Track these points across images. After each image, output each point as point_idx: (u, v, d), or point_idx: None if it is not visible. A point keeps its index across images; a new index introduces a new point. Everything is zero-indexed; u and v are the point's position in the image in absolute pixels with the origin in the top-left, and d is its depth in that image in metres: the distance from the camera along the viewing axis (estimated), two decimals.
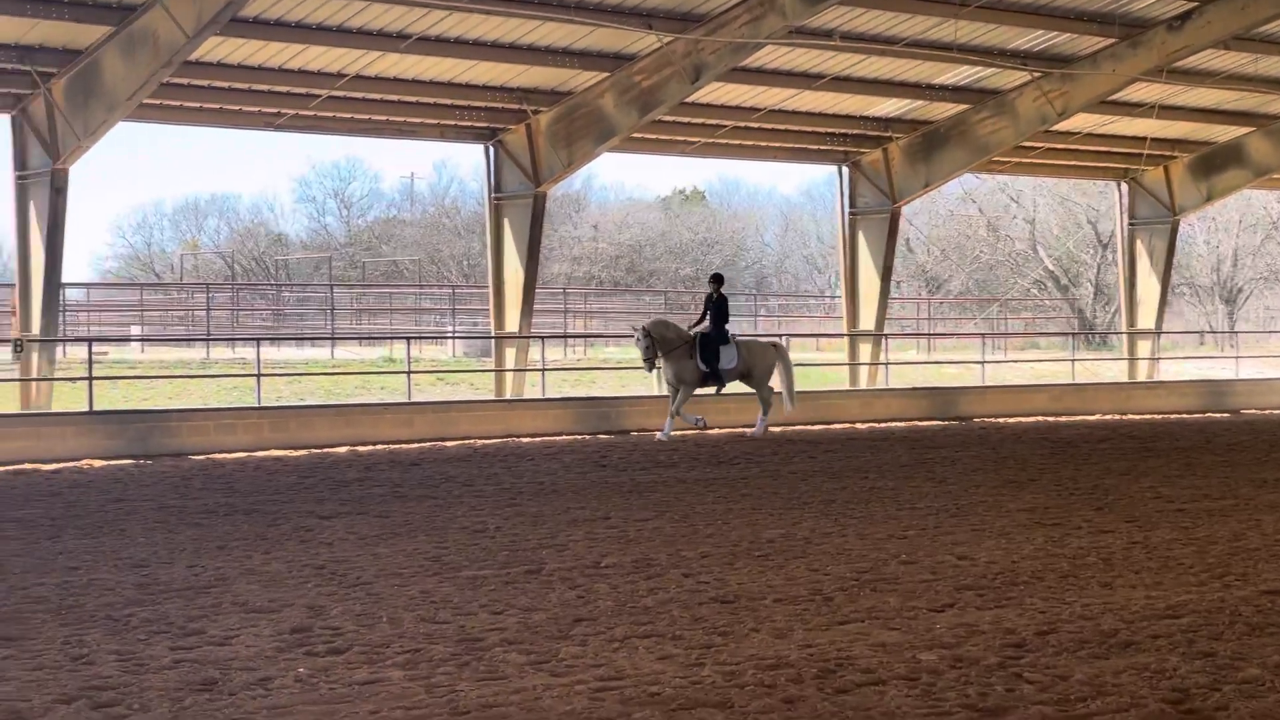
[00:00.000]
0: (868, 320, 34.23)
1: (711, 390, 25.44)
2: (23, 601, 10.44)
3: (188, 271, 67.72)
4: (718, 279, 25.60)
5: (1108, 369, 43.37)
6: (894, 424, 28.89)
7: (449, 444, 23.87)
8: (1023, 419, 30.61)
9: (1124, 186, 39.01)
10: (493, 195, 29.64)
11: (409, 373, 27.70)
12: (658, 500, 16.45)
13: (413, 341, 31.91)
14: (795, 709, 7.56)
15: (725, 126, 31.52)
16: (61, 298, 28.14)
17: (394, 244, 73.21)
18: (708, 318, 25.15)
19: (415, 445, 23.61)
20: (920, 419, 29.89)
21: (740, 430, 26.02)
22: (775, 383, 25.90)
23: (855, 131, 33.27)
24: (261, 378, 26.16)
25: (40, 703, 7.70)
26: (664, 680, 8.14)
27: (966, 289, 70.07)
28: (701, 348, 24.76)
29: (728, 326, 25.38)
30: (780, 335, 34.89)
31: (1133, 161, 37.82)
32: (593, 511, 15.46)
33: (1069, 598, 10.54)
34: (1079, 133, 35.31)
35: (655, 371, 25.24)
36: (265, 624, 9.64)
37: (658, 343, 24.58)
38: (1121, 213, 39.52)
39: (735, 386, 25.84)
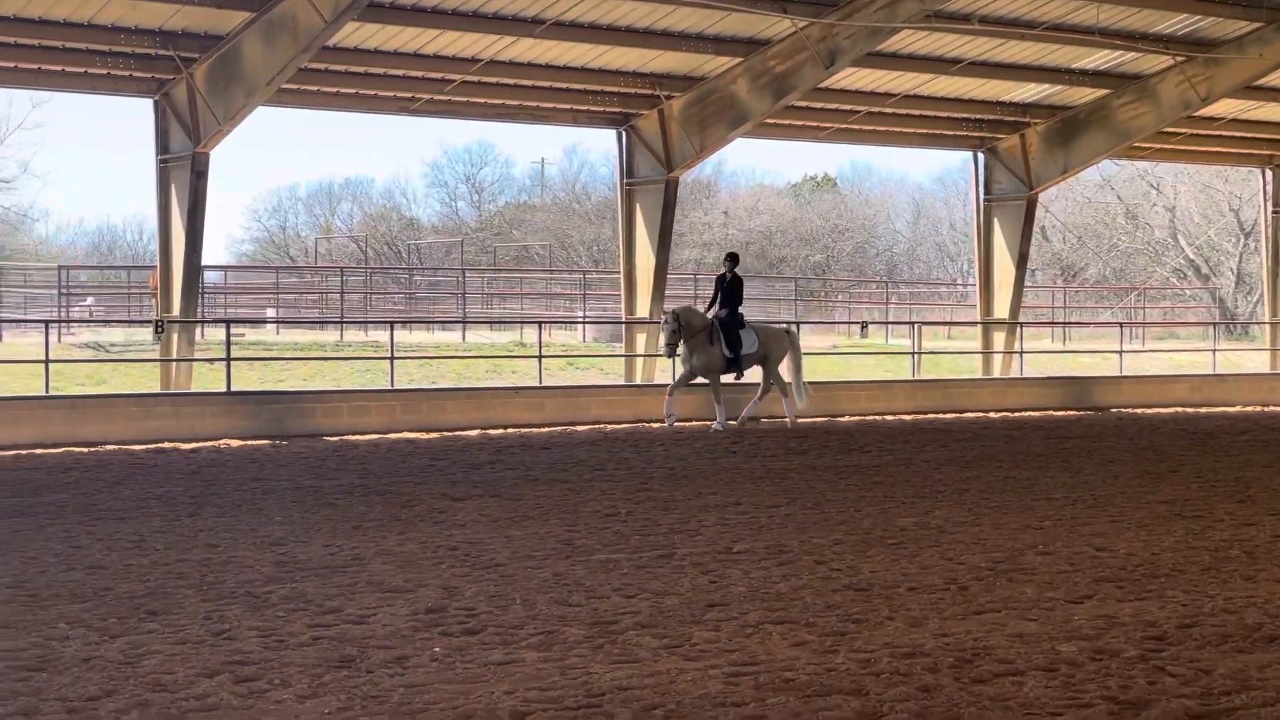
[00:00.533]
0: (1002, 308, 33.83)
1: (731, 377, 24.59)
2: (166, 577, 10.63)
3: (322, 255, 68.61)
4: (733, 258, 24.48)
5: (1249, 359, 42.52)
6: (1028, 413, 28.56)
7: (579, 428, 23.97)
8: (1161, 409, 30.12)
9: (1268, 173, 38.20)
10: (624, 181, 29.67)
11: (540, 357, 27.84)
12: (789, 487, 16.39)
13: (543, 326, 32.04)
14: (932, 698, 7.48)
15: (859, 112, 31.29)
16: (201, 280, 28.62)
17: (524, 229, 73.61)
18: (718, 301, 24.19)
19: (546, 429, 23.73)
20: (1055, 409, 29.52)
21: (774, 420, 25.78)
22: (784, 372, 25.06)
23: (992, 117, 32.87)
24: (394, 360, 26.43)
25: (184, 675, 7.83)
26: (798, 667, 8.10)
27: (1103, 277, 69.04)
28: (724, 332, 23.85)
29: (741, 310, 24.41)
30: (913, 323, 34.63)
31: (1278, 148, 36.99)
32: (724, 497, 15.44)
33: (1211, 590, 10.34)
34: (1223, 118, 34.61)
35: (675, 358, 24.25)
36: (401, 603, 9.73)
37: (684, 328, 23.66)
38: (1265, 199, 38.71)
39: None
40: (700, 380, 24.36)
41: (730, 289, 23.96)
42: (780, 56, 27.01)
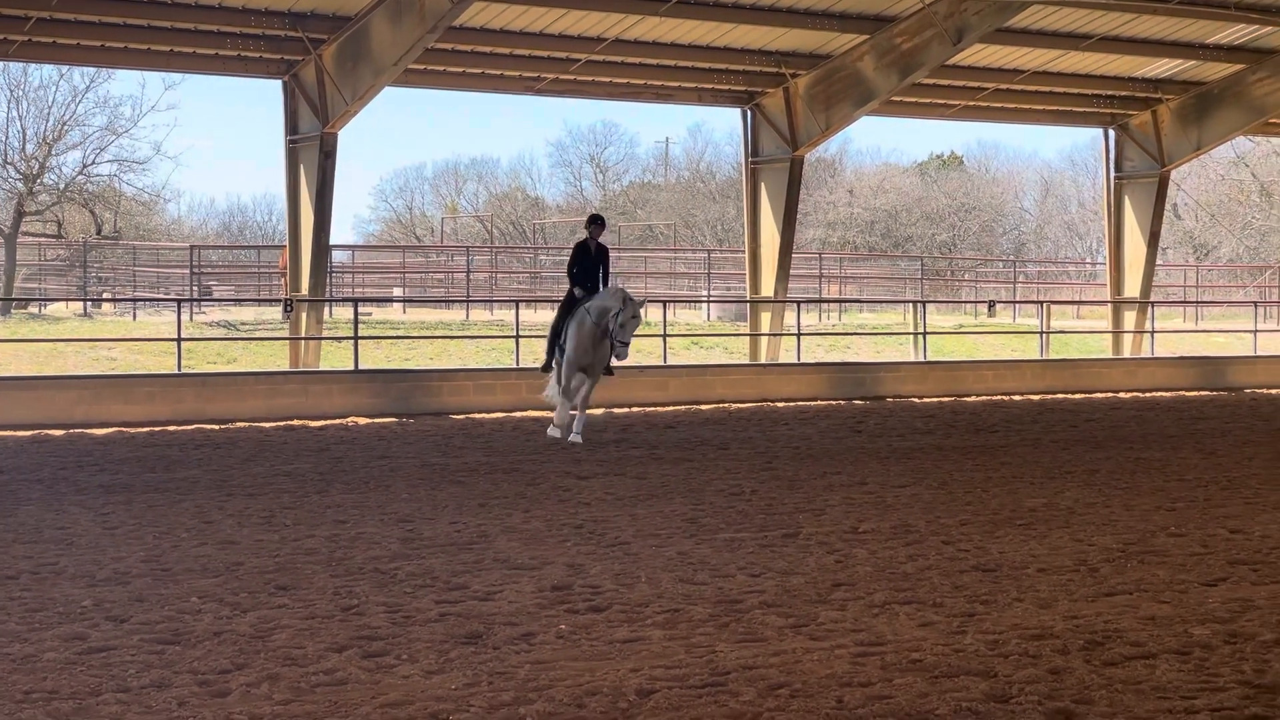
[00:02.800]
0: (1132, 287, 33.29)
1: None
2: (295, 553, 10.77)
3: (447, 235, 69.14)
4: (597, 221, 19.39)
5: None
6: (1159, 394, 28.10)
7: (704, 407, 23.95)
8: None
9: None
10: (750, 159, 29.57)
11: (664, 336, 27.85)
12: (915, 467, 16.25)
13: (668, 305, 32.04)
14: (1061, 680, 7.38)
15: (987, 89, 30.92)
16: (329, 260, 28.95)
17: (649, 208, 73.66)
18: (577, 274, 19.10)
19: (670, 408, 23.73)
20: (1187, 389, 29.02)
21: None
22: None
23: (1123, 93, 32.32)
24: (519, 339, 26.56)
25: (313, 650, 7.92)
26: (925, 647, 8.03)
27: (1237, 255, 67.72)
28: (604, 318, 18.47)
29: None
30: (1041, 302, 34.20)
31: None
32: (849, 477, 15.34)
33: None
34: None
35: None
36: (527, 580, 9.77)
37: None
38: None
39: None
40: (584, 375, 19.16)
41: (599, 259, 19.19)
42: (907, 33, 26.75)
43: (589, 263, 19.11)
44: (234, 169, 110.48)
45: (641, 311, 18.33)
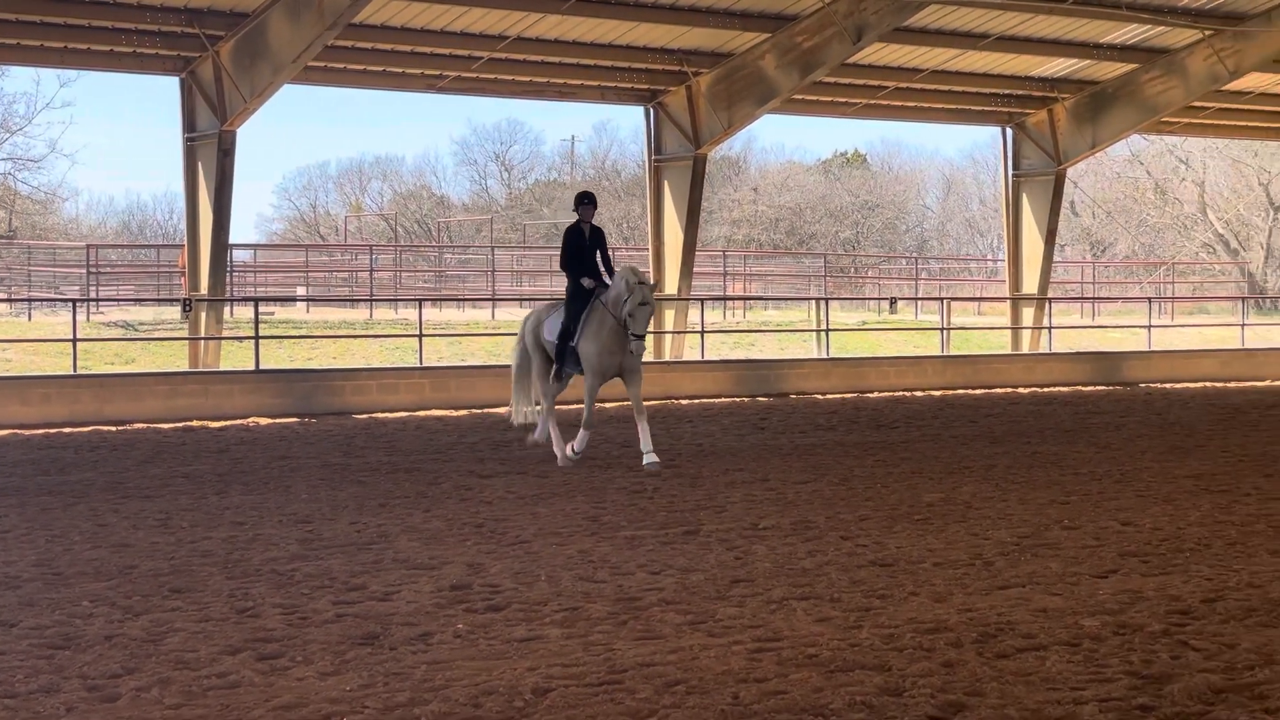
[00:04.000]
0: (1031, 284, 33.70)
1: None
2: (191, 555, 10.67)
3: (352, 233, 68.71)
4: (588, 200, 16.53)
5: (1278, 334, 42.26)
6: (1057, 389, 28.45)
7: (607, 405, 23.94)
8: (1190, 384, 29.97)
9: None
10: (653, 157, 29.63)
11: None
12: (816, 463, 16.35)
13: None
14: (954, 673, 7.47)
15: (887, 88, 31.17)
16: (229, 258, 28.69)
17: (554, 206, 73.60)
18: (575, 265, 16.40)
19: (574, 407, 23.70)
20: (1084, 384, 29.41)
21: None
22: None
23: (1020, 92, 32.70)
24: (423, 338, 26.45)
25: (207, 653, 7.85)
26: (821, 642, 8.09)
27: (1132, 252, 68.73)
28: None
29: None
30: (942, 299, 34.52)
31: None
32: (751, 473, 15.42)
33: (1236, 565, 10.29)
34: (1251, 92, 34.34)
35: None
36: (426, 580, 9.75)
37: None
38: None
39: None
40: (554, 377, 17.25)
41: (595, 244, 16.55)
42: (807, 32, 26.91)
43: (583, 249, 16.32)
44: (133, 167, 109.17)
45: (651, 293, 15.66)
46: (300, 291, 45.15)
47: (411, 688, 7.19)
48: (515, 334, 18.31)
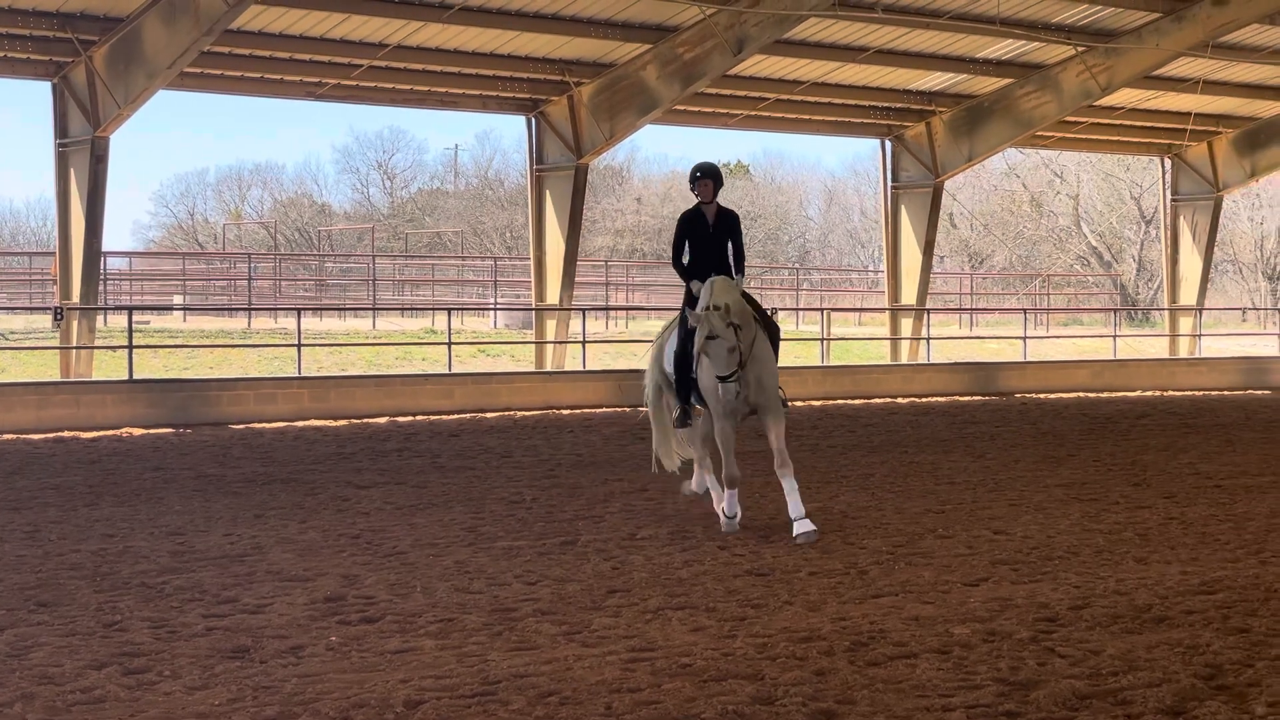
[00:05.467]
0: (909, 295, 34.06)
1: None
2: (59, 568, 10.49)
3: (231, 241, 67.95)
4: (708, 173, 12.62)
5: (1150, 345, 43.08)
6: (934, 399, 28.78)
7: (489, 415, 23.90)
8: (1063, 394, 30.45)
9: (1168, 162, 38.69)
10: (534, 167, 29.60)
11: (450, 344, 27.74)
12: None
13: (454, 313, 31.91)
14: (826, 681, 7.53)
15: (768, 99, 31.37)
16: (103, 266, 28.26)
17: (437, 215, 73.28)
18: (690, 264, 12.65)
19: (455, 416, 23.63)
20: (961, 394, 29.77)
21: None
22: None
23: (899, 105, 33.06)
24: (303, 348, 26.22)
25: (72, 668, 7.73)
26: (695, 652, 8.12)
27: (1009, 264, 69.70)
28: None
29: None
30: (822, 309, 34.78)
31: (1177, 137, 37.45)
32: (630, 484, 15.45)
33: (1104, 573, 10.47)
34: (1123, 108, 34.98)
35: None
36: (299, 592, 9.66)
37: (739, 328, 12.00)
38: (1165, 188, 39.20)
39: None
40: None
41: (728, 229, 12.65)
42: (689, 43, 27.03)
43: (706, 241, 12.45)
44: (5, 173, 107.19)
45: (722, 321, 11.71)
46: (177, 300, 44.58)
47: (281, 701, 7.13)
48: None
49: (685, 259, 12.65)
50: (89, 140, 23.93)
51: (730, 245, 12.55)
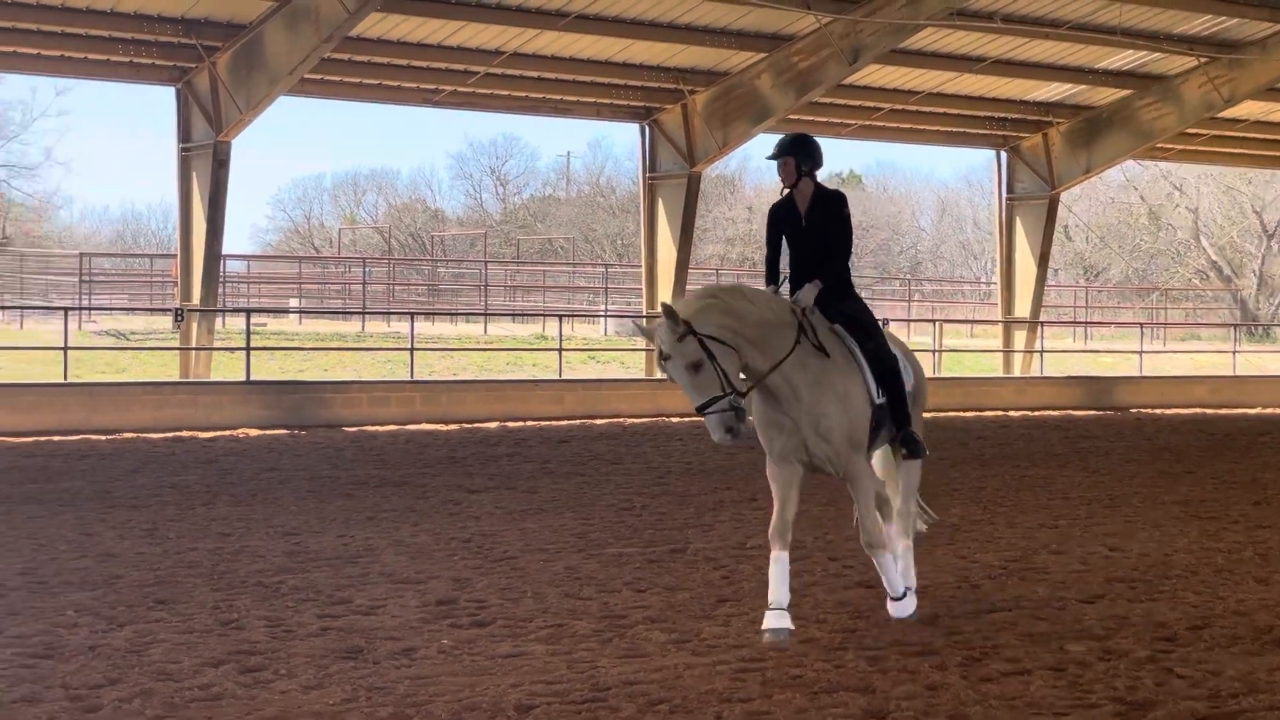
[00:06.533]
0: (1023, 307, 33.73)
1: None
2: (177, 566, 10.64)
3: (346, 245, 68.67)
4: (800, 146, 9.60)
5: (1270, 361, 42.33)
6: (1047, 412, 28.46)
7: (598, 421, 23.96)
8: (1180, 410, 29.99)
9: None
10: (647, 175, 29.65)
11: (560, 350, 27.85)
12: (805, 483, 16.29)
13: (565, 319, 32.02)
14: (938, 696, 7.45)
15: (883, 109, 31.23)
16: (222, 269, 28.67)
17: (548, 222, 73.60)
18: (775, 257, 9.78)
19: (565, 422, 23.71)
20: (1074, 408, 29.42)
21: None
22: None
23: (1015, 115, 32.75)
24: (415, 352, 26.44)
25: (190, 664, 7.83)
26: (806, 663, 8.07)
27: (1125, 277, 68.81)
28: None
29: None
30: (934, 320, 34.53)
31: None
32: (740, 493, 15.40)
33: (1223, 592, 10.28)
34: (1246, 120, 34.42)
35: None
36: (411, 595, 9.72)
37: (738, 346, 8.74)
38: None
39: None
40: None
41: (834, 216, 9.50)
42: (804, 53, 26.96)
43: (799, 237, 9.52)
44: (128, 176, 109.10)
45: (672, 334, 8.50)
46: (293, 303, 45.11)
47: (394, 702, 7.18)
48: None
49: (782, 260, 9.67)
50: (211, 145, 24.30)
51: (828, 236, 9.38)
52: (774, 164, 9.48)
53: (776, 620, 8.62)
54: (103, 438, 20.00)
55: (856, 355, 9.11)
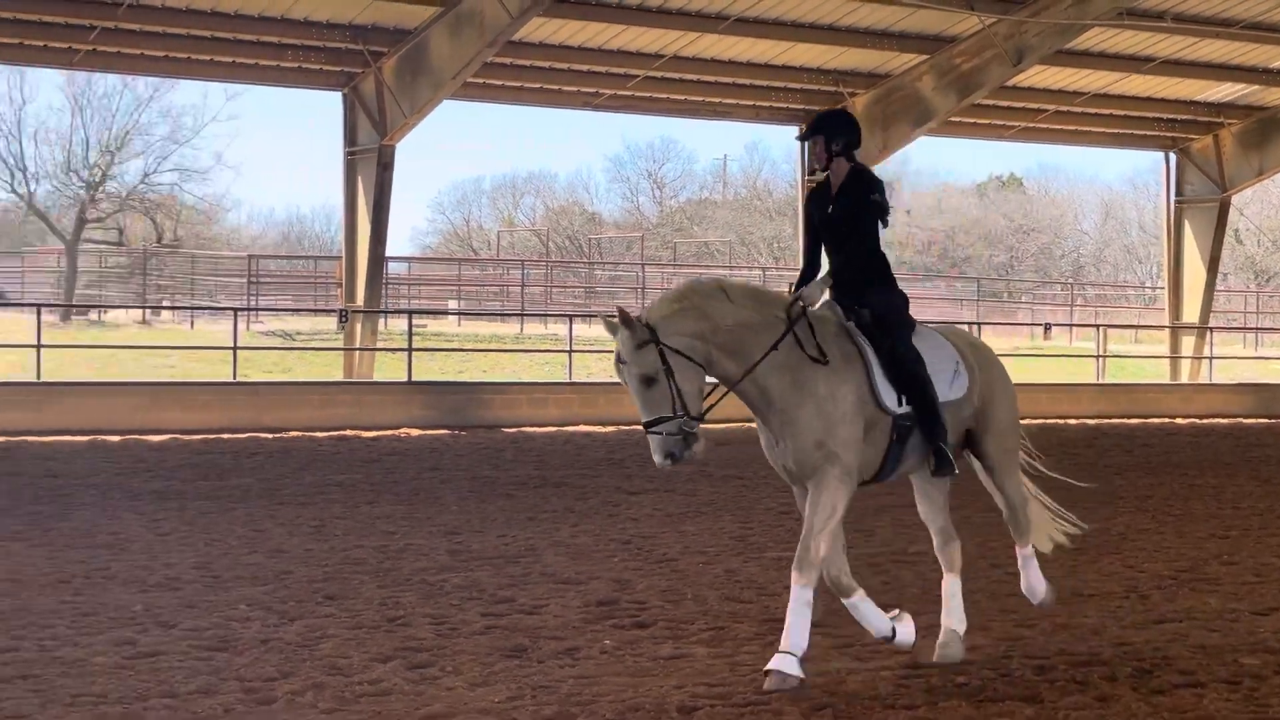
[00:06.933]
0: (1191, 313, 33.05)
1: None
2: (344, 563, 10.81)
3: (504, 248, 69.31)
4: (834, 122, 8.57)
5: None
6: (1216, 420, 27.85)
7: (755, 424, 23.88)
8: None
9: None
10: (806, 178, 29.53)
11: None
12: (965, 489, 16.08)
13: None
14: (1108, 707, 7.31)
15: (1047, 111, 30.81)
16: (384, 271, 29.08)
17: (705, 225, 73.63)
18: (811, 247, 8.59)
19: (722, 425, 23.65)
20: (1244, 416, 28.76)
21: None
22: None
23: (1184, 117, 32.12)
24: (573, 353, 26.58)
25: (359, 660, 7.95)
26: (971, 671, 7.98)
27: None
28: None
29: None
30: (1098, 325, 34.00)
31: None
32: (900, 498, 15.19)
33: None
34: None
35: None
36: (573, 595, 9.78)
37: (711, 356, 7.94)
38: None
39: None
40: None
41: (864, 206, 8.39)
42: (966, 54, 26.69)
43: (827, 228, 8.46)
44: (293, 179, 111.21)
45: (632, 341, 7.69)
46: (452, 305, 45.63)
47: (559, 701, 7.22)
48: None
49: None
50: (376, 149, 24.69)
51: (855, 220, 8.32)
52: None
53: (783, 664, 7.53)
54: (270, 436, 20.39)
55: (866, 356, 8.01)
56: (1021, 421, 9.56)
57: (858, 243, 8.32)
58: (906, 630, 8.30)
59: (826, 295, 8.26)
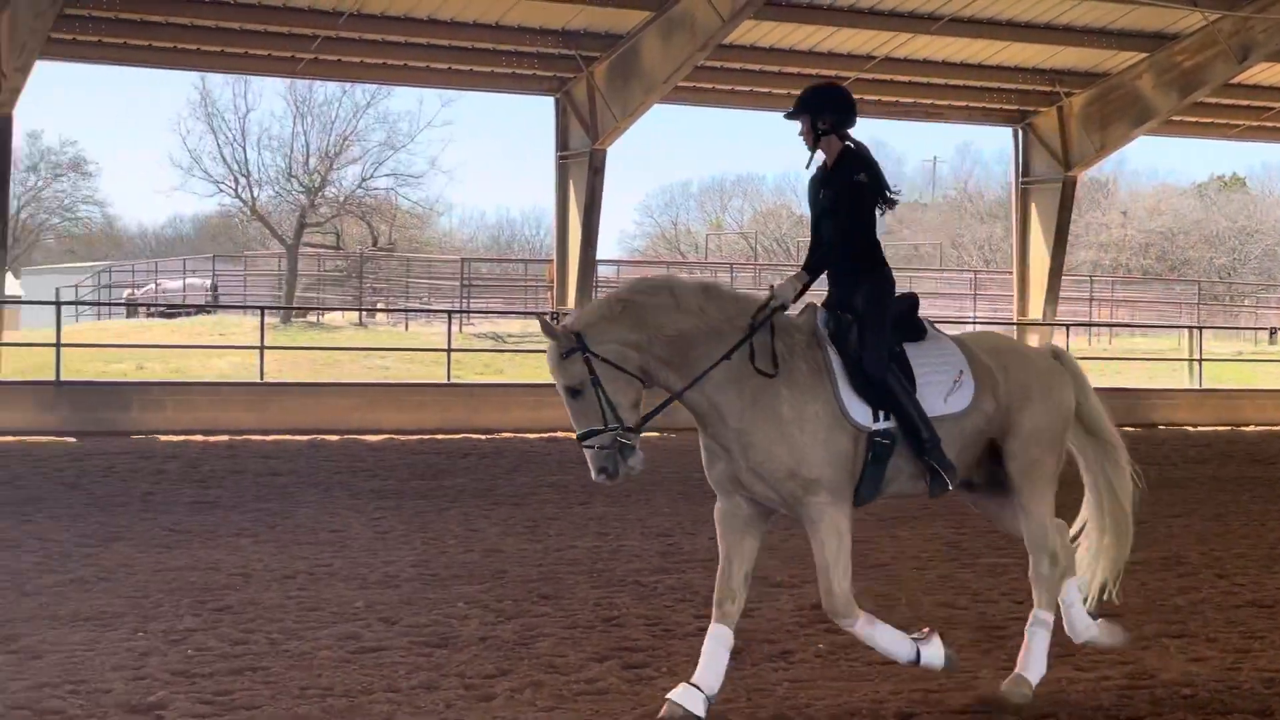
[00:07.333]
0: None
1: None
2: (558, 563, 10.94)
3: (712, 251, 69.46)
4: (820, 99, 7.92)
5: None
6: None
7: None
8: None
9: None
10: (1019, 179, 29.12)
11: None
12: (1189, 496, 15.76)
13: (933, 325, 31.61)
14: None
15: (1273, 109, 29.91)
16: (595, 274, 29.34)
17: (914, 227, 72.95)
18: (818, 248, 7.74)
19: None
20: None
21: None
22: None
23: None
24: None
25: (575, 659, 8.03)
26: (1197, 683, 7.78)
27: None
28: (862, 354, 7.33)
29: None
30: None
31: None
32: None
33: None
34: None
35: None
36: (785, 598, 9.76)
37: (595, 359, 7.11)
38: None
39: None
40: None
41: (860, 196, 7.82)
42: (1188, 51, 26.06)
43: (818, 213, 7.89)
44: (504, 183, 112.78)
45: (558, 349, 7.11)
46: None
47: (774, 704, 7.21)
48: None
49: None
50: (587, 152, 24.94)
51: (839, 213, 7.68)
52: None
53: (684, 696, 6.92)
54: (483, 437, 20.69)
55: (831, 367, 7.20)
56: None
57: (844, 228, 7.59)
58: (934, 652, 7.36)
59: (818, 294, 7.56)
